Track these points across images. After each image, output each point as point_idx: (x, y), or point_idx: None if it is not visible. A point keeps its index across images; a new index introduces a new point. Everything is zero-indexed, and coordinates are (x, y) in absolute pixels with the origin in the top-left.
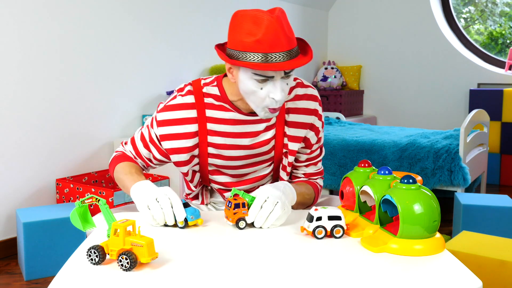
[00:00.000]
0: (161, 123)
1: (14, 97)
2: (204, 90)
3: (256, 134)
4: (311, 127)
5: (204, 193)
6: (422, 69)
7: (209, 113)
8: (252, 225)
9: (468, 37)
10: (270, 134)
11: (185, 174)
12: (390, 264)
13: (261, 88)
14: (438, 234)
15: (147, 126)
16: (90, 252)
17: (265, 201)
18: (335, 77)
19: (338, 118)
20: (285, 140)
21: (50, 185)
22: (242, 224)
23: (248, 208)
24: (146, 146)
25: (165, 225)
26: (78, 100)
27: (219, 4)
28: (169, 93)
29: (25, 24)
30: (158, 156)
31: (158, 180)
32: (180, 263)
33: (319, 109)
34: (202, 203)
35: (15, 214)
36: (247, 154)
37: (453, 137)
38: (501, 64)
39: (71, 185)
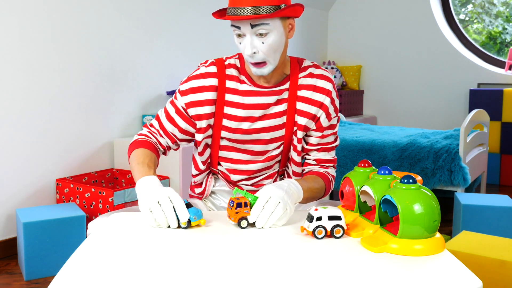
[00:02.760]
0: (185, 92)
1: (14, 98)
2: (226, 62)
3: (267, 106)
4: (321, 105)
5: (208, 180)
6: (422, 69)
7: (229, 84)
8: (254, 224)
9: (468, 36)
10: (281, 107)
11: (198, 143)
12: (390, 264)
13: (240, 43)
14: (438, 234)
15: (171, 101)
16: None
17: (267, 201)
18: (335, 77)
19: None
20: (296, 117)
21: (50, 185)
22: (244, 223)
23: (251, 208)
24: (170, 120)
25: (168, 227)
26: (78, 100)
27: (219, 4)
28: (169, 93)
29: (25, 25)
30: (183, 125)
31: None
32: (182, 262)
33: (333, 92)
34: (203, 192)
35: (15, 214)
36: (258, 127)
37: (453, 137)
38: (501, 64)
39: (71, 185)
